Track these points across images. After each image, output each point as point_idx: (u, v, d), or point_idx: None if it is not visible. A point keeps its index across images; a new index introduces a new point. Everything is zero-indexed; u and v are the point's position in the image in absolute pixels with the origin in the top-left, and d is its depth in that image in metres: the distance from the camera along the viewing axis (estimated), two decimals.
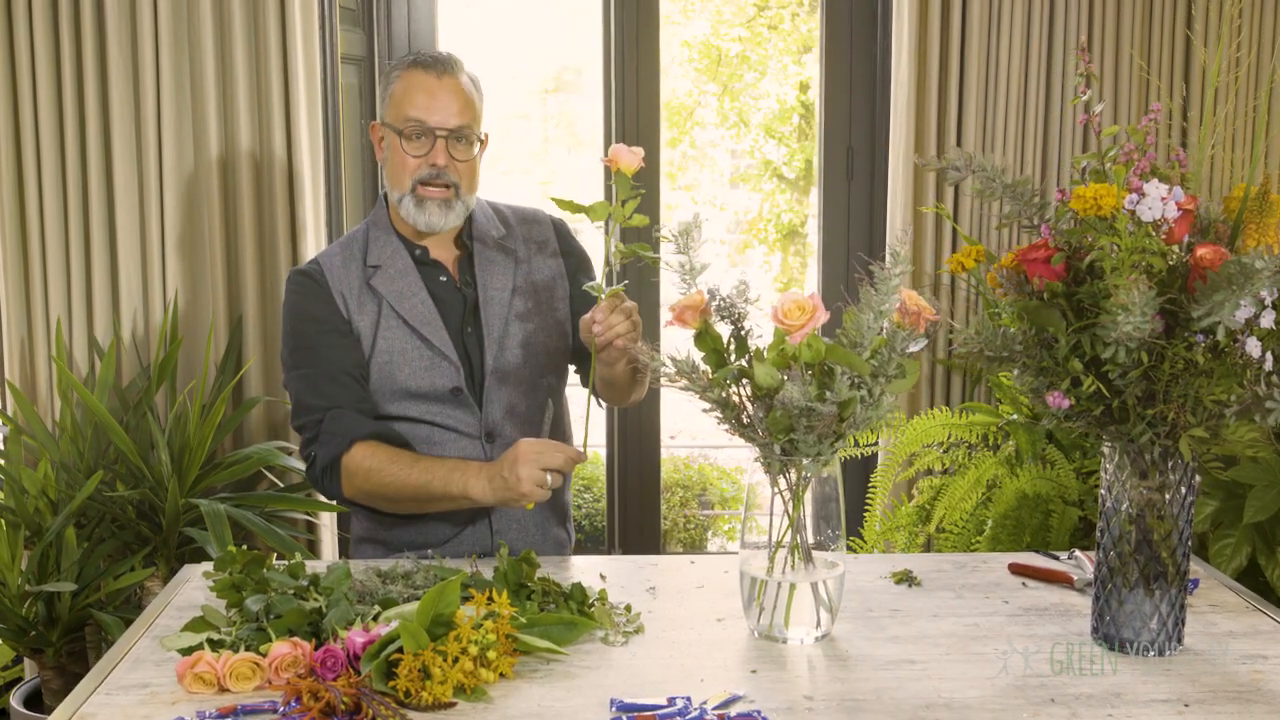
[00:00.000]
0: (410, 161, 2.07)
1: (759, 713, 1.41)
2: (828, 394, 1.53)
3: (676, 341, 1.71)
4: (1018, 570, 1.97)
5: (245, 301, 3.00)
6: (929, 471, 2.84)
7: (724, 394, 1.59)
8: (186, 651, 1.54)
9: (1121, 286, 1.43)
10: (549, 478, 1.91)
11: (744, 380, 1.59)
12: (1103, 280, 1.51)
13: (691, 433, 5.81)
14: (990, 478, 2.54)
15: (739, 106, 9.16)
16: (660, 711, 1.40)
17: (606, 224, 1.86)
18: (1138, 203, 1.47)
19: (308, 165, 3.00)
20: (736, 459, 5.02)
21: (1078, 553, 2.03)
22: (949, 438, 2.67)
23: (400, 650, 1.45)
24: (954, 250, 3.09)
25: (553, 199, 1.92)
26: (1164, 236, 1.50)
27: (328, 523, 3.10)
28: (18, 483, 2.60)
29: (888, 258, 1.56)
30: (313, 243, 3.02)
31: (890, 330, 1.58)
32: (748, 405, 1.62)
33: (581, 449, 1.98)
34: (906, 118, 3.11)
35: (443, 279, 2.14)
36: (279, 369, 3.04)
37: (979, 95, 3.12)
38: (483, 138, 2.13)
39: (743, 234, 9.41)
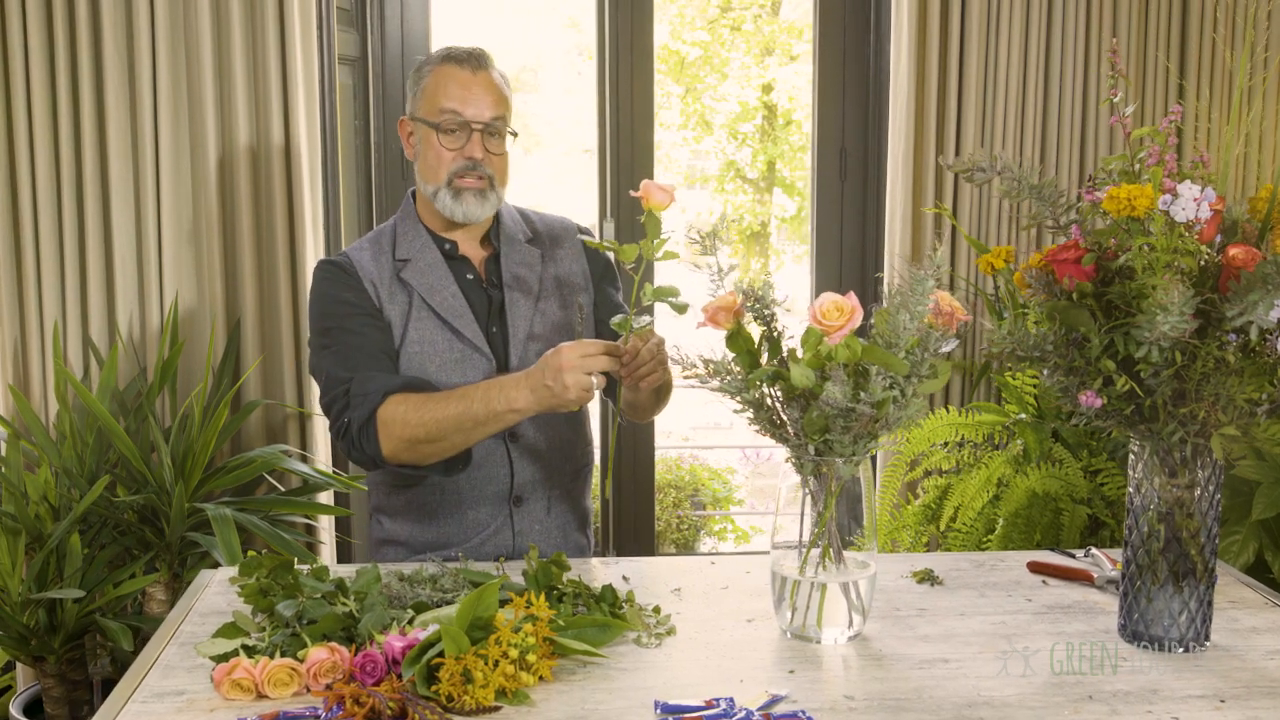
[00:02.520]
0: (446, 154, 2.08)
1: (803, 713, 1.42)
2: (862, 395, 1.54)
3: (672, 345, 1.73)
4: (1037, 568, 1.98)
5: (243, 304, 2.98)
6: (929, 472, 2.86)
7: (759, 395, 1.59)
8: (221, 658, 1.52)
9: (1160, 287, 1.44)
10: (594, 380, 1.88)
11: (778, 381, 1.59)
12: (1134, 281, 1.52)
13: (681, 433, 5.82)
14: (1000, 476, 2.55)
15: (700, 108, 9.22)
16: (706, 713, 1.40)
17: (637, 264, 1.87)
18: (1171, 204, 1.48)
19: (306, 166, 2.98)
20: (727, 459, 5.04)
21: (1094, 550, 2.04)
22: (955, 437, 2.69)
23: (441, 654, 1.44)
24: (954, 249, 3.10)
25: (583, 240, 1.93)
26: (1196, 237, 1.52)
27: (326, 525, 3.08)
28: (18, 488, 2.56)
29: (924, 259, 1.56)
30: (311, 245, 3.00)
31: (923, 331, 1.58)
32: (779, 406, 1.62)
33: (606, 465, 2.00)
34: (906, 118, 3.13)
35: (469, 276, 2.15)
36: (277, 372, 3.03)
37: (978, 94, 3.13)
38: (514, 132, 2.15)
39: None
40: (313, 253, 3.00)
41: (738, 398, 1.61)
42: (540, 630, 1.50)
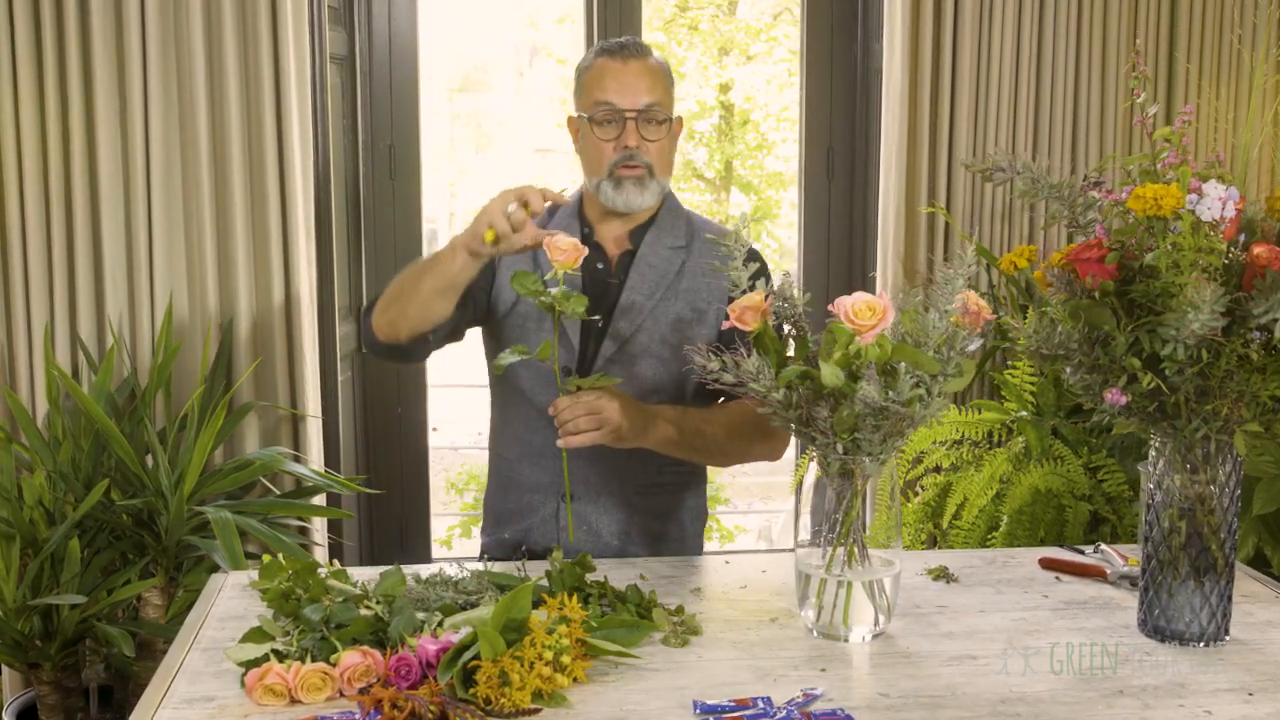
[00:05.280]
0: (604, 147, 2.06)
1: (841, 710, 1.42)
2: (890, 393, 1.55)
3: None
4: (1049, 565, 2.00)
5: (236, 305, 2.94)
6: (929, 470, 2.87)
7: (790, 395, 1.59)
8: (251, 663, 1.51)
9: (1189, 285, 1.46)
10: (511, 208, 1.81)
11: (806, 380, 1.60)
12: (1157, 279, 1.54)
13: None
14: (1003, 474, 2.57)
15: None
16: (746, 713, 1.41)
17: (552, 314, 1.84)
18: (1197, 203, 1.50)
19: (299, 166, 2.94)
20: None
21: (1103, 546, 2.06)
22: (955, 435, 2.70)
23: (477, 657, 1.43)
24: (946, 249, 3.12)
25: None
26: (1220, 236, 1.53)
27: (319, 527, 3.06)
28: (11, 492, 2.53)
29: (953, 258, 1.58)
30: (304, 246, 2.97)
31: (950, 329, 1.59)
32: (804, 405, 1.62)
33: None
34: (899, 117, 3.14)
35: (599, 265, 2.11)
36: (270, 373, 3.00)
37: (970, 93, 3.15)
38: (674, 119, 2.11)
39: None
40: (305, 253, 2.97)
41: (767, 398, 1.61)
42: (574, 631, 1.50)
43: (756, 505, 5.38)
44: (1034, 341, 1.60)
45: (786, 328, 1.70)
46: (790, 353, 1.71)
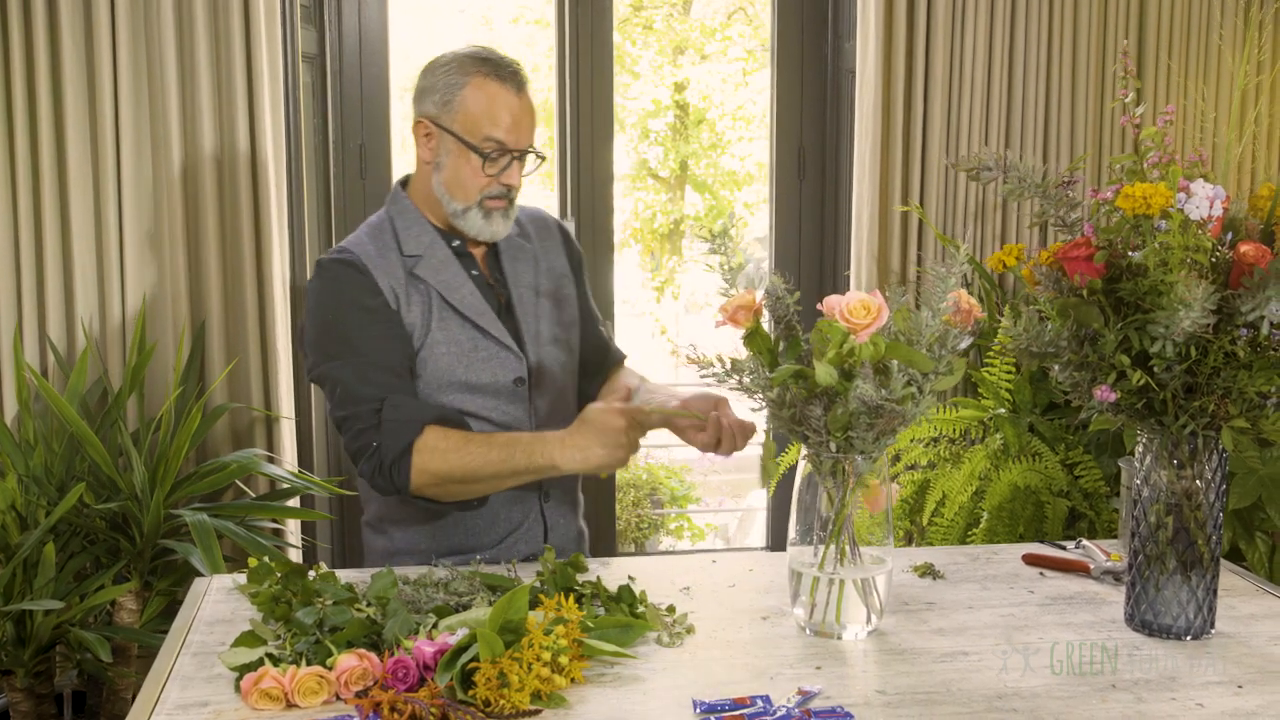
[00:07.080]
0: (483, 179, 2.00)
1: (840, 708, 1.43)
2: (883, 391, 1.55)
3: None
4: (1033, 560, 2.01)
5: (208, 306, 2.91)
6: (908, 467, 2.89)
7: (784, 393, 1.59)
8: (245, 668, 1.49)
9: (1179, 283, 1.47)
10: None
11: (800, 379, 1.60)
12: (1145, 278, 1.56)
13: None
14: (982, 471, 2.59)
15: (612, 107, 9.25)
16: (746, 711, 1.41)
17: None
18: (1186, 202, 1.52)
19: (271, 165, 2.92)
20: (684, 457, 5.05)
21: (1085, 541, 2.08)
22: (933, 432, 2.72)
23: (476, 658, 1.43)
24: (920, 248, 3.13)
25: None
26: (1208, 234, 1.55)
27: (293, 529, 3.03)
28: None
29: (938, 257, 1.58)
30: (277, 246, 2.94)
31: (941, 328, 1.60)
32: (797, 405, 1.63)
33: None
34: (873, 116, 3.15)
35: (474, 273, 2.10)
36: (244, 375, 2.98)
37: (944, 93, 3.16)
38: (542, 156, 2.08)
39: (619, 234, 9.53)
40: (279, 253, 2.95)
41: (758, 395, 1.62)
42: (572, 632, 1.50)
43: (727, 504, 5.40)
44: (1023, 340, 1.62)
45: (773, 325, 1.70)
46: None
